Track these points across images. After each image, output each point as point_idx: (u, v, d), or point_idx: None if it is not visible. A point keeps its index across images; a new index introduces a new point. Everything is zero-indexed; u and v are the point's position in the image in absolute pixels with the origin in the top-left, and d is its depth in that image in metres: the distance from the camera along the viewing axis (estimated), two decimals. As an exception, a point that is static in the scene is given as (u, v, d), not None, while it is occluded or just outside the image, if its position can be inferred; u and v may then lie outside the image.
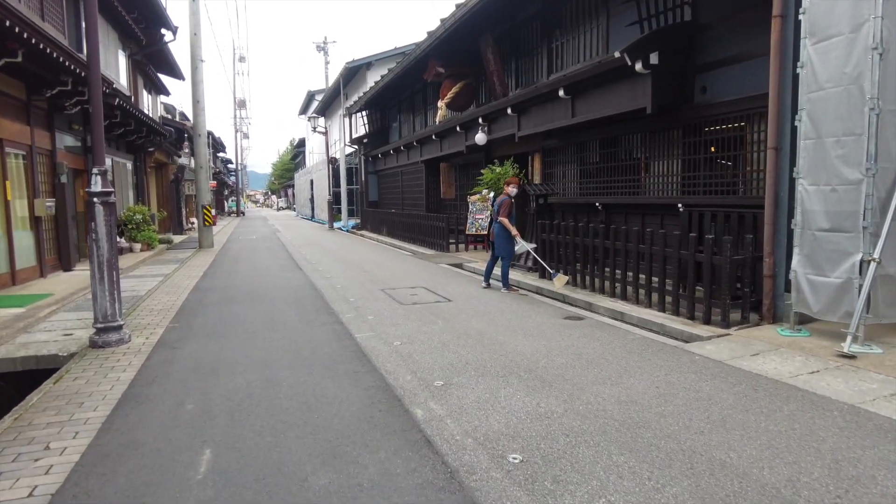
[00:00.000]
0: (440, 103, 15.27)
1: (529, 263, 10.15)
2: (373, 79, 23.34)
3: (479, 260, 11.95)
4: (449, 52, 14.47)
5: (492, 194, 13.65)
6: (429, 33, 14.19)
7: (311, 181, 35.58)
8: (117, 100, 10.94)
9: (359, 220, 25.03)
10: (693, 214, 7.57)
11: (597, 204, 10.02)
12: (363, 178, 25.93)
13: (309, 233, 23.13)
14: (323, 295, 8.01)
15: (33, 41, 7.32)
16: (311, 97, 38.58)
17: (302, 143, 52.99)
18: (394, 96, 22.11)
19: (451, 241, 14.33)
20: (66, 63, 8.41)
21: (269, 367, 4.60)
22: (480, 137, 12.76)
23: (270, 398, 3.87)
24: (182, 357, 4.95)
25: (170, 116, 24.94)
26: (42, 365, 5.04)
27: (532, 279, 9.21)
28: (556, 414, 3.55)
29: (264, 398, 3.87)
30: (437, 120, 15.96)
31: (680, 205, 8.22)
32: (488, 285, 8.71)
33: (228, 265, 12.04)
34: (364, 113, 24.90)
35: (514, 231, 8.48)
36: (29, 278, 9.20)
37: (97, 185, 5.20)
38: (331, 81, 29.69)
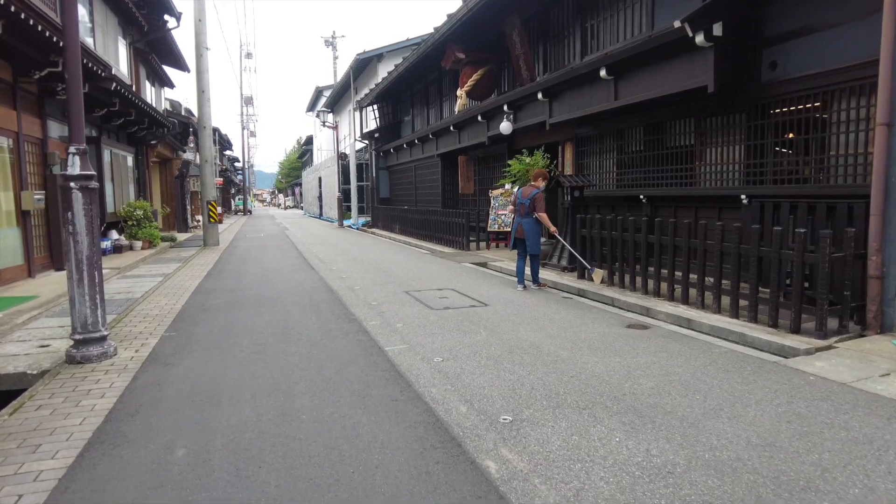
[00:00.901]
0: (459, 91, 14.32)
1: (564, 262, 9.20)
2: (384, 71, 22.43)
3: (504, 258, 11.01)
4: (470, 36, 13.51)
5: (516, 188, 12.72)
6: (449, 16, 13.24)
7: (320, 178, 34.71)
8: (114, 84, 10.04)
9: (370, 218, 24.12)
10: (766, 206, 6.58)
11: (641, 196, 9.04)
12: (374, 174, 25.02)
13: (319, 231, 22.23)
14: (341, 298, 7.08)
15: (12, 9, 6.42)
16: (319, 93, 37.72)
17: (309, 140, 52.19)
18: (407, 88, 21.18)
19: (471, 238, 13.38)
20: (56, 39, 7.52)
21: (283, 392, 3.67)
22: (506, 126, 11.79)
23: (288, 440, 2.93)
24: (176, 377, 4.03)
25: (175, 111, 24.09)
26: (6, 385, 4.13)
27: (570, 279, 8.26)
28: (679, 467, 2.59)
29: (280, 440, 2.93)
30: (457, 109, 15.01)
31: (743, 196, 7.26)
32: (524, 287, 7.78)
33: (235, 265, 11.14)
34: (375, 107, 23.98)
35: (552, 228, 7.64)
36: (14, 278, 8.33)
37: (75, 166, 4.29)
38: (339, 77, 28.82)
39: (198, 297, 7.44)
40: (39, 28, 7.03)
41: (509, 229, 13.12)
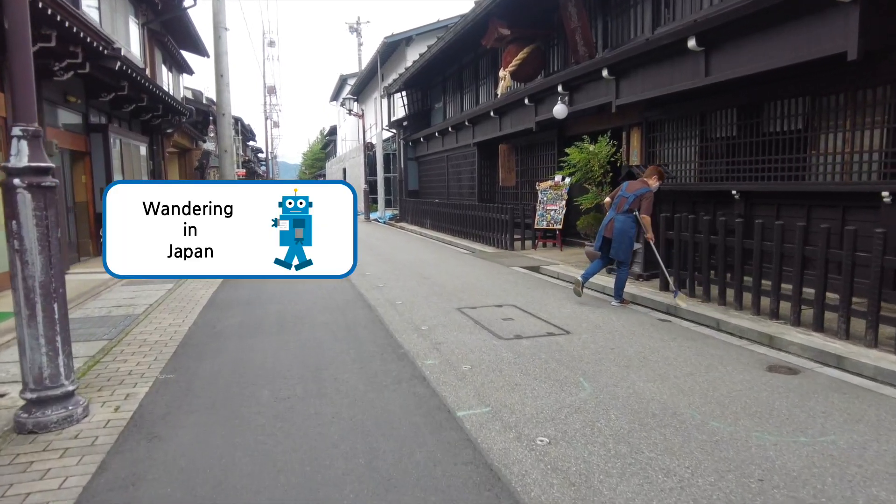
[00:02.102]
0: (502, 72, 12.86)
1: (638, 269, 7.77)
2: (413, 56, 21.08)
3: (557, 261, 9.60)
4: (515, 9, 12.07)
5: (567, 179, 11.27)
6: (493, -14, 11.80)
7: (344, 170, 33.54)
8: (119, 63, 8.83)
9: (397, 211, 22.84)
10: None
11: (733, 192, 7.55)
12: (402, 165, 23.71)
13: (344, 225, 20.96)
14: (381, 318, 5.76)
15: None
16: (343, 81, 36.47)
17: (333, 130, 51.07)
18: (439, 72, 19.75)
19: (515, 236, 11.98)
20: (46, 9, 6.31)
21: (319, 507, 2.36)
22: (560, 109, 10.31)
23: None
24: (162, 467, 2.75)
25: (196, 100, 23.01)
26: (-75, 470, 2.89)
27: (650, 291, 6.84)
28: None
29: None
30: (499, 92, 13.57)
31: (885, 193, 5.76)
32: (582, 286, 6.53)
33: (255, 267, 9.89)
34: (403, 93, 22.62)
35: (650, 234, 6.25)
36: (4, 286, 7.19)
37: (21, 156, 3.03)
38: (364, 64, 27.50)
39: (209, 313, 6.20)
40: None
41: (560, 227, 11.71)
